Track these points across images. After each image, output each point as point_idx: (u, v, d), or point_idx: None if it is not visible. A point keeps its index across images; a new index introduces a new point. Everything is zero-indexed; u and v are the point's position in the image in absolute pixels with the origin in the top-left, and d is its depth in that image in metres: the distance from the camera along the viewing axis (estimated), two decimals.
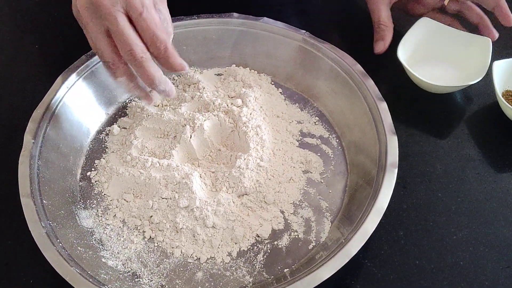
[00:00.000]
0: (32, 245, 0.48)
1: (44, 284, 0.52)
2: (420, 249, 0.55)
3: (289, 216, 0.56)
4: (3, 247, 0.55)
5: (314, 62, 0.66)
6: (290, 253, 0.54)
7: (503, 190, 0.60)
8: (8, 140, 0.64)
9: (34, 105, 0.58)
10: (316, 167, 0.60)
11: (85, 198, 0.58)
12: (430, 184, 0.61)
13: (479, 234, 0.57)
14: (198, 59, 0.70)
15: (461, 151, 0.64)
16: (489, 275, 0.53)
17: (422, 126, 0.67)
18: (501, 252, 0.55)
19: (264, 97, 0.66)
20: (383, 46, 0.70)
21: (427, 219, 0.58)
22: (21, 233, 0.52)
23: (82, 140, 0.62)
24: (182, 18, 0.68)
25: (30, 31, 0.78)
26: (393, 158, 0.54)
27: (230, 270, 0.52)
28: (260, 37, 0.69)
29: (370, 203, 0.51)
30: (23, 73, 0.72)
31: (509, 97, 0.66)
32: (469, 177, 0.62)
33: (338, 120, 0.65)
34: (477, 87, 0.70)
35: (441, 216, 0.58)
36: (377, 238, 0.55)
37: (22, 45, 0.76)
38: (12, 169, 0.54)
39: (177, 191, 0.55)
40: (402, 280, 0.53)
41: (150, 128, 0.62)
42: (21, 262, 0.54)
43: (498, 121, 0.67)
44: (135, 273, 0.52)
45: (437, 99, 0.69)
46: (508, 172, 0.62)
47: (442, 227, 0.57)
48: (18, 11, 0.82)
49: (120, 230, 0.55)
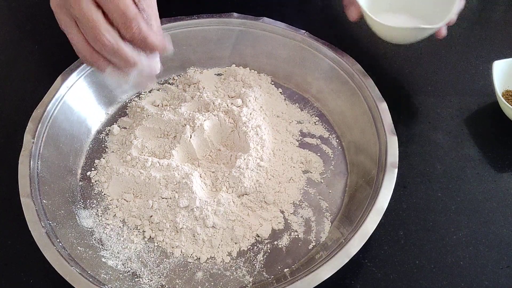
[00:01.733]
0: (32, 245, 0.48)
1: (44, 284, 0.52)
2: (420, 249, 0.55)
3: (289, 216, 0.56)
4: (3, 247, 0.55)
5: (314, 62, 0.66)
6: (290, 253, 0.54)
7: (503, 190, 0.61)
8: (8, 139, 0.64)
9: (34, 105, 0.58)
10: (316, 167, 0.60)
11: (85, 198, 0.58)
12: (430, 184, 0.61)
13: (479, 234, 0.57)
14: (198, 59, 0.70)
15: (461, 151, 0.64)
16: (489, 275, 0.53)
17: (422, 126, 0.67)
18: (501, 252, 0.55)
19: (264, 97, 0.66)
20: (356, 13, 0.64)
21: (427, 219, 0.58)
22: (21, 233, 0.52)
23: (82, 140, 0.62)
24: (182, 18, 0.68)
25: (30, 31, 0.78)
26: (393, 158, 0.54)
27: (230, 270, 0.52)
28: (260, 37, 0.69)
29: (370, 203, 0.51)
30: (23, 73, 0.72)
31: (509, 97, 0.66)
32: (469, 177, 0.62)
33: (338, 120, 0.65)
34: (477, 87, 0.70)
35: (441, 216, 0.58)
36: (377, 238, 0.55)
37: (22, 45, 0.76)
38: (11, 169, 0.54)
39: (177, 191, 0.55)
40: (402, 280, 0.53)
41: (150, 128, 0.62)
42: (21, 262, 0.54)
43: (498, 121, 0.67)
44: (135, 273, 0.52)
45: (436, 99, 0.68)
46: (508, 172, 0.62)
47: (442, 227, 0.57)
48: (18, 11, 0.82)
49: (120, 230, 0.55)
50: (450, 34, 0.79)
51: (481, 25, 0.81)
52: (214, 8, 0.70)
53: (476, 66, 0.74)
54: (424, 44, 0.78)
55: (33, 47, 0.76)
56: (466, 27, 0.74)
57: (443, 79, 0.73)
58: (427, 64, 0.75)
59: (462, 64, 0.75)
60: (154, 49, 0.47)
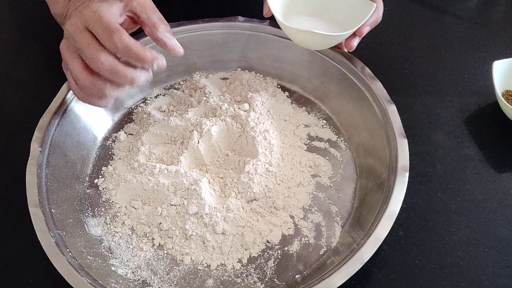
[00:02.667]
0: (33, 245, 0.48)
1: (44, 285, 0.52)
2: (420, 249, 0.55)
3: (299, 221, 0.56)
4: (4, 248, 0.54)
5: (320, 64, 0.66)
6: (301, 258, 0.53)
7: (503, 190, 0.61)
8: (8, 139, 0.63)
9: (34, 105, 0.58)
10: (325, 171, 0.60)
11: (93, 205, 0.57)
12: (430, 184, 0.61)
13: (479, 234, 0.57)
14: (203, 63, 0.70)
15: (461, 151, 0.64)
16: (489, 275, 0.54)
17: (422, 126, 0.67)
18: (501, 252, 0.55)
19: (271, 101, 0.65)
20: (266, 10, 0.61)
21: (427, 219, 0.58)
22: (21, 234, 0.52)
23: (89, 147, 0.61)
24: (187, 22, 0.68)
25: (30, 31, 0.78)
26: (404, 162, 0.53)
27: (241, 277, 0.52)
28: (265, 40, 0.68)
29: (382, 208, 0.51)
30: (23, 74, 0.72)
31: (509, 97, 0.66)
32: (469, 177, 0.62)
33: (345, 123, 0.64)
34: (477, 87, 0.69)
35: (441, 216, 0.58)
36: None
37: (22, 45, 0.76)
38: (10, 171, 0.54)
39: (186, 198, 0.55)
40: (402, 280, 0.53)
41: (157, 134, 0.61)
42: (21, 263, 0.53)
43: (498, 121, 0.67)
44: (145, 281, 0.51)
45: (437, 99, 0.68)
46: (508, 172, 0.62)
47: (442, 227, 0.57)
48: (18, 12, 0.81)
49: (129, 238, 0.54)
50: (450, 35, 0.79)
51: (481, 25, 0.81)
52: (219, 12, 0.69)
53: (476, 66, 0.75)
54: (424, 44, 0.78)
55: (33, 48, 0.75)
56: (466, 27, 0.74)
57: (443, 79, 0.73)
58: (427, 64, 0.75)
59: (462, 64, 0.75)
60: (144, 63, 0.48)
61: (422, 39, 0.78)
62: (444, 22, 0.82)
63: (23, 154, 0.54)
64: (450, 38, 0.78)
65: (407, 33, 0.79)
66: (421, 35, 0.79)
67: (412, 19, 0.72)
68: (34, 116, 0.57)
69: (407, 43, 0.78)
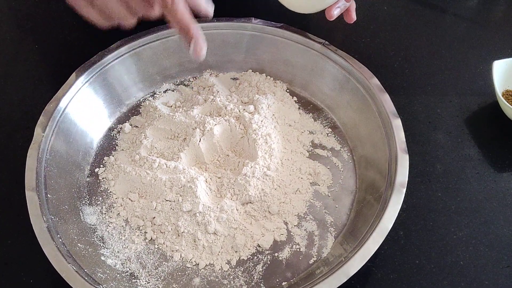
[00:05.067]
0: (32, 244, 0.48)
1: (44, 284, 0.52)
2: (420, 249, 0.55)
3: (293, 228, 0.56)
4: (3, 247, 0.55)
5: (331, 72, 0.65)
6: (290, 266, 0.53)
7: (503, 190, 0.60)
8: (8, 139, 0.63)
9: (34, 104, 0.58)
10: (324, 180, 0.59)
11: (91, 194, 0.58)
12: (430, 184, 0.60)
13: (479, 233, 0.56)
14: (215, 62, 0.70)
15: (461, 151, 0.64)
16: (489, 275, 0.53)
17: (422, 126, 0.66)
18: (501, 252, 0.55)
19: (277, 104, 0.65)
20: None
21: (427, 219, 0.57)
22: (21, 233, 0.52)
23: (93, 136, 0.62)
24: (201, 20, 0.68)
25: (30, 31, 0.78)
26: (402, 178, 0.52)
27: (227, 278, 0.52)
28: (278, 44, 0.68)
29: (375, 222, 0.50)
30: (23, 73, 0.72)
31: (509, 97, 0.66)
32: (469, 177, 0.61)
33: (351, 133, 0.63)
34: (477, 87, 0.68)
35: (441, 216, 0.58)
36: None
37: (22, 45, 0.76)
38: (12, 168, 0.54)
39: (181, 194, 0.55)
40: (402, 280, 0.53)
41: (161, 128, 0.62)
42: (21, 262, 0.54)
43: (498, 121, 0.66)
44: (133, 274, 0.52)
45: (436, 98, 0.67)
46: (508, 172, 0.62)
47: (442, 227, 0.57)
48: (18, 11, 0.81)
49: (122, 229, 0.55)
50: (450, 34, 0.78)
51: (481, 25, 0.80)
52: (234, 11, 0.69)
53: (476, 66, 0.74)
54: (424, 43, 0.76)
55: (33, 47, 0.76)
56: (466, 26, 0.73)
57: (443, 79, 0.72)
58: (427, 64, 0.74)
59: (462, 64, 0.74)
60: (179, 25, 0.46)
61: (422, 38, 0.77)
62: (444, 21, 0.81)
63: (23, 154, 0.54)
64: (450, 38, 0.77)
65: (407, 32, 0.78)
66: (421, 34, 0.78)
67: (412, 18, 0.71)
68: (34, 116, 0.58)
69: (407, 43, 0.77)
